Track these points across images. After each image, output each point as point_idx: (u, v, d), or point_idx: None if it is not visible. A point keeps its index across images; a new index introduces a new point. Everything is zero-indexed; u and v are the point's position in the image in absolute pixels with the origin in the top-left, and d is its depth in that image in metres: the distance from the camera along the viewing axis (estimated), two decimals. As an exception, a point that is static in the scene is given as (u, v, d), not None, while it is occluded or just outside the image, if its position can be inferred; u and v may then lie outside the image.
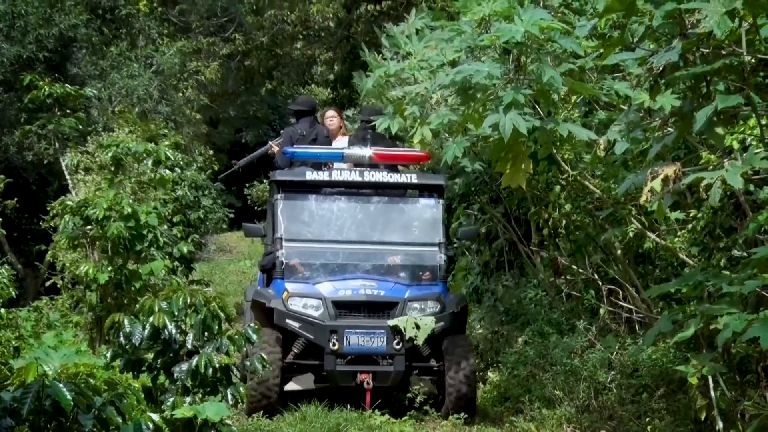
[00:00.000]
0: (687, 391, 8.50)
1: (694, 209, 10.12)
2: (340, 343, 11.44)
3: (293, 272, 12.19)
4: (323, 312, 11.67)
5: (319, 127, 13.88)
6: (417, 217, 12.93)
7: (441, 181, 12.86)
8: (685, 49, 7.61)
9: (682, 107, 7.98)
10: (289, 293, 11.81)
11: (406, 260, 12.55)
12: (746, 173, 7.20)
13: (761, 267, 7.50)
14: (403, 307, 11.73)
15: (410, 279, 12.32)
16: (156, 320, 9.27)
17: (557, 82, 9.30)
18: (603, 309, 12.42)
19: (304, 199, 12.71)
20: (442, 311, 11.90)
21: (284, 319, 11.68)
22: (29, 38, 19.89)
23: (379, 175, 12.58)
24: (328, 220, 12.77)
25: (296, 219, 12.61)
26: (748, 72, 7.71)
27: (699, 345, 8.55)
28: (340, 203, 12.79)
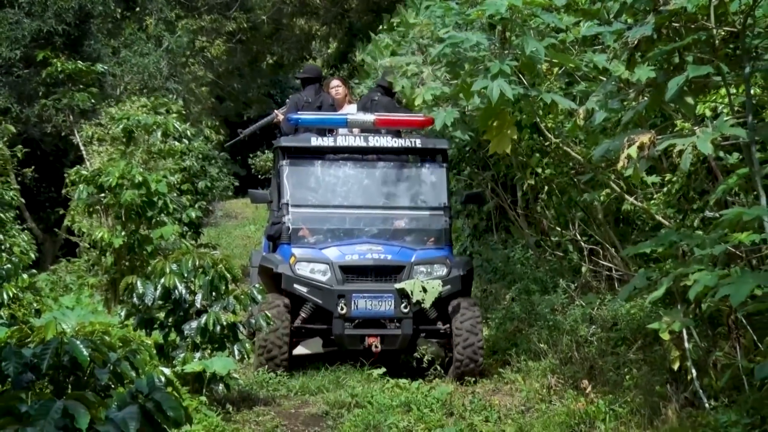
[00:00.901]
0: (662, 343, 8.53)
1: (669, 174, 10.15)
2: (348, 307, 10.98)
3: (300, 238, 11.71)
4: (331, 276, 11.17)
5: (325, 95, 13.34)
6: (422, 182, 12.35)
7: (445, 145, 12.42)
8: (658, 23, 7.62)
9: (657, 78, 8.00)
10: (296, 258, 11.32)
11: (411, 224, 12.06)
12: (716, 140, 7.23)
13: (730, 227, 7.55)
14: (410, 271, 11.27)
15: (416, 243, 11.82)
16: (167, 281, 9.36)
17: (540, 53, 9.32)
18: (584, 268, 12.46)
19: (309, 165, 12.14)
20: (449, 274, 11.37)
21: (292, 284, 11.18)
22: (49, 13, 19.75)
23: (383, 140, 12.11)
24: (333, 186, 12.24)
25: (302, 185, 12.06)
26: (718, 44, 7.73)
27: (674, 300, 8.59)
28: (345, 169, 12.27)
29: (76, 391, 4.91)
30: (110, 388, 5.30)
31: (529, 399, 9.80)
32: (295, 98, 13.39)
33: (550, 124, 11.35)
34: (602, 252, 12.09)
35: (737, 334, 8.07)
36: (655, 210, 10.41)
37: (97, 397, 4.78)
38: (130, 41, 22.83)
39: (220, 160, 27.05)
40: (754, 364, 7.07)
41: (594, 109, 8.98)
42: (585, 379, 9.69)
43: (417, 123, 12.19)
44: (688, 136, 7.37)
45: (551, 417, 8.93)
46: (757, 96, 8.30)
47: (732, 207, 9.06)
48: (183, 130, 16.17)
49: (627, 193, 10.77)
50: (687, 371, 8.32)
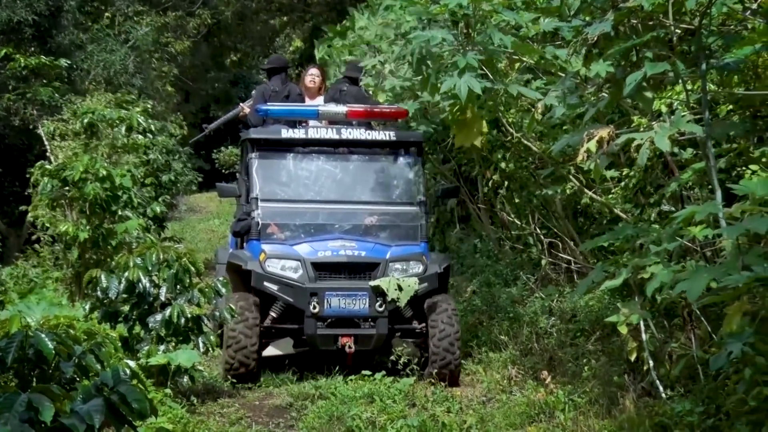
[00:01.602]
0: (620, 335, 8.59)
1: (626, 168, 10.21)
2: (321, 305, 10.30)
3: (269, 233, 10.99)
4: (302, 274, 10.47)
5: (292, 85, 12.66)
6: (396, 176, 11.73)
7: (420, 138, 11.76)
8: (617, 20, 7.67)
9: (615, 74, 8.05)
10: (266, 255, 10.62)
11: (386, 220, 11.39)
12: (673, 135, 7.28)
13: (685, 222, 7.61)
14: (385, 268, 10.58)
15: (391, 239, 11.13)
16: (131, 275, 9.34)
17: (507, 44, 9.37)
18: (544, 261, 12.53)
19: (279, 158, 11.45)
20: (425, 271, 10.73)
21: (262, 281, 10.50)
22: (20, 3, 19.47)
23: (356, 133, 11.42)
24: (304, 180, 11.53)
25: (272, 178, 11.35)
26: (675, 41, 7.78)
27: (631, 292, 8.65)
28: (317, 162, 11.58)
29: (41, 384, 4.87)
30: (75, 381, 5.27)
31: (490, 390, 9.84)
32: (262, 89, 12.78)
33: (511, 119, 11.38)
34: (561, 245, 12.16)
35: (692, 325, 8.15)
36: (613, 204, 10.49)
37: (62, 389, 4.77)
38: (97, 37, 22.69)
39: (184, 155, 26.94)
40: (709, 355, 7.13)
41: (553, 105, 9.04)
42: (545, 370, 9.74)
43: (390, 114, 11.74)
44: (646, 131, 7.43)
45: (512, 407, 8.97)
46: (713, 92, 8.35)
47: (687, 201, 9.16)
48: (147, 124, 16.05)
49: (585, 188, 10.84)
50: (644, 362, 8.39)
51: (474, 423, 8.60)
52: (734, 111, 8.96)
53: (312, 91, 12.60)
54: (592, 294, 10.27)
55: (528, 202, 12.82)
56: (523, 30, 9.81)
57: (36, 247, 15.11)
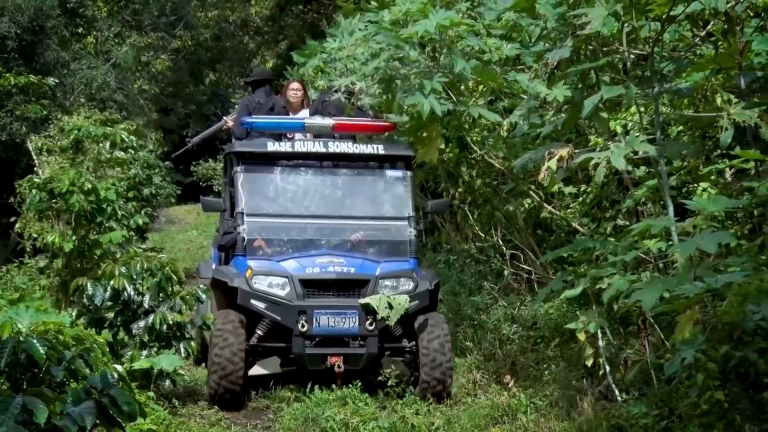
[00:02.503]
0: (578, 341, 8.64)
1: (584, 185, 10.29)
2: (310, 324, 9.53)
3: (256, 249, 10.18)
4: (290, 291, 9.66)
5: (276, 98, 11.81)
6: (385, 190, 10.93)
7: (410, 152, 10.82)
8: (576, 46, 7.76)
9: (574, 97, 8.13)
10: (253, 271, 9.80)
11: (374, 235, 10.53)
12: (628, 154, 7.36)
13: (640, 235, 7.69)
14: (374, 285, 9.78)
15: (379, 255, 10.30)
16: (116, 283, 9.31)
17: (467, 72, 9.45)
18: (507, 271, 12.57)
19: (265, 172, 10.64)
20: (416, 289, 9.91)
21: (249, 299, 9.68)
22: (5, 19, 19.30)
23: (344, 146, 10.60)
24: (291, 194, 10.72)
25: (258, 192, 10.58)
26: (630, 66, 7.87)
27: (588, 301, 8.71)
28: (303, 176, 10.74)
29: (33, 387, 4.85)
30: (65, 385, 5.24)
31: (456, 393, 9.85)
32: (246, 101, 11.97)
33: (476, 137, 11.44)
34: (522, 256, 12.22)
35: (646, 333, 8.21)
36: (571, 218, 10.57)
37: (54, 392, 4.75)
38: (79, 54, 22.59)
39: (163, 169, 26.87)
40: (663, 361, 7.20)
41: (518, 123, 9.12)
42: (507, 375, 9.79)
43: (377, 128, 10.95)
44: (603, 150, 7.50)
45: (477, 410, 9.01)
46: (664, 114, 8.44)
47: (641, 216, 9.24)
48: (130, 141, 16.06)
49: (545, 203, 10.91)
50: (600, 367, 8.45)
51: (441, 424, 8.62)
52: (684, 132, 9.06)
53: (295, 105, 11.80)
54: (551, 303, 10.34)
55: (491, 216, 12.88)
56: (486, 55, 9.88)
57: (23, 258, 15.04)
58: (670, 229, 7.42)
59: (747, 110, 7.43)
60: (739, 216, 8.38)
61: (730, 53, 7.87)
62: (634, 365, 7.95)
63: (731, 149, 7.62)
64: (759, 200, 7.54)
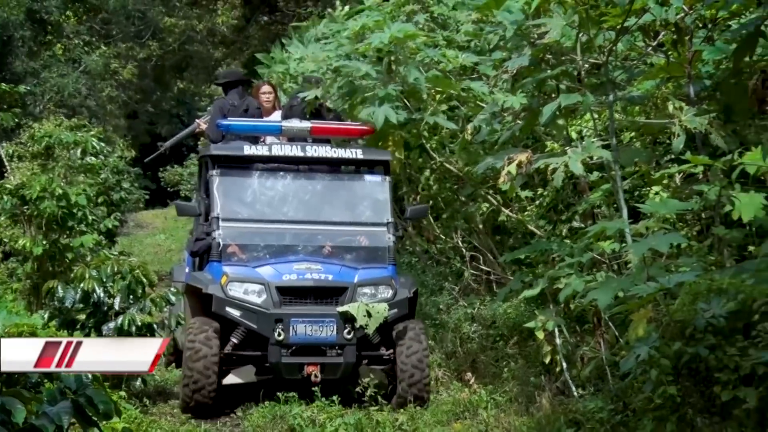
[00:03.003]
0: (536, 339, 8.69)
1: (540, 188, 10.34)
2: (286, 332, 9.00)
3: (231, 254, 9.58)
4: (267, 299, 9.09)
5: (250, 99, 11.12)
6: (363, 196, 10.32)
7: (388, 156, 10.26)
8: (534, 55, 7.81)
9: (531, 104, 8.18)
10: (228, 278, 9.20)
11: (352, 241, 9.96)
12: (585, 160, 7.42)
13: (595, 237, 7.75)
14: (353, 293, 9.23)
15: (357, 261, 9.71)
16: (86, 285, 9.24)
17: (421, 81, 9.52)
18: (467, 272, 12.58)
19: (241, 176, 9.99)
20: (395, 296, 9.36)
21: (224, 307, 9.10)
22: None
23: (322, 150, 9.96)
24: (268, 198, 10.11)
25: (233, 197, 9.91)
26: (585, 74, 7.93)
27: (546, 300, 8.76)
28: (280, 180, 10.11)
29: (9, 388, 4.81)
30: (40, 385, 5.20)
31: (419, 390, 9.86)
32: (220, 103, 11.12)
33: (435, 145, 11.45)
34: (482, 258, 12.23)
35: (601, 331, 8.26)
36: (528, 221, 10.61)
37: (30, 392, 4.72)
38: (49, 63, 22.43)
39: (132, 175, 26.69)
40: (618, 357, 7.26)
41: (481, 126, 9.16)
42: (468, 372, 9.82)
43: (355, 132, 10.33)
44: (560, 156, 7.55)
45: (439, 406, 9.03)
46: (618, 121, 8.51)
47: (596, 218, 9.30)
48: (100, 147, 15.96)
49: (503, 206, 10.95)
50: (558, 364, 8.49)
51: (405, 420, 8.62)
52: (637, 138, 9.14)
53: (267, 108, 11.13)
54: (510, 302, 10.37)
55: (451, 219, 12.90)
56: (442, 64, 9.94)
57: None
58: (624, 231, 7.49)
59: (697, 117, 7.52)
60: (689, 218, 8.45)
61: (680, 63, 7.96)
62: (590, 362, 7.99)
63: (682, 154, 7.69)
64: (708, 203, 7.61)
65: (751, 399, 5.63)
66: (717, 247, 7.57)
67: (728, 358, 5.99)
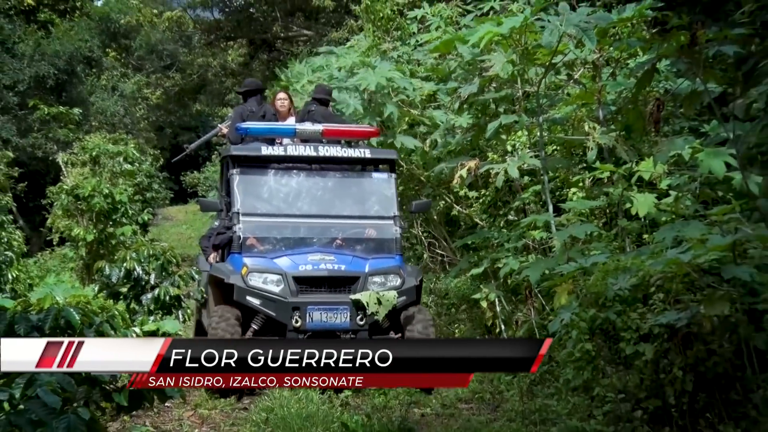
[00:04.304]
0: (480, 307, 8.71)
1: (483, 189, 10.37)
2: (303, 319, 8.01)
3: (251, 247, 8.53)
4: (284, 288, 8.04)
5: (267, 106, 10.17)
6: (371, 191, 9.18)
7: (394, 155, 9.19)
8: (481, 84, 7.83)
9: (479, 122, 8.21)
10: (248, 269, 8.18)
11: (361, 234, 8.83)
12: (520, 167, 7.45)
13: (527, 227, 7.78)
14: (364, 282, 8.18)
15: (367, 252, 8.62)
16: (128, 265, 9.14)
17: (395, 115, 9.56)
18: (425, 255, 12.60)
19: (259, 174, 8.99)
20: (403, 284, 8.28)
21: (245, 295, 8.08)
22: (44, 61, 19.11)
23: (333, 150, 8.95)
24: (284, 195, 9.08)
25: (252, 193, 8.90)
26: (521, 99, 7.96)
27: (488, 277, 8.79)
28: (295, 178, 9.07)
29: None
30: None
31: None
32: (240, 109, 10.19)
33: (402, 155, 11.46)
34: (438, 244, 12.24)
35: (532, 300, 8.29)
36: (474, 214, 10.63)
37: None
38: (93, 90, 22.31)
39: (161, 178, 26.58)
40: (546, 321, 7.29)
41: (437, 141, 9.21)
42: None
43: (363, 134, 9.37)
44: (501, 163, 7.58)
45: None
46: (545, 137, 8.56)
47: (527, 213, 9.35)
48: (136, 157, 15.92)
49: (455, 203, 10.97)
50: (497, 326, 8.52)
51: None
52: (559, 150, 9.18)
53: (282, 113, 10.03)
54: (460, 278, 10.39)
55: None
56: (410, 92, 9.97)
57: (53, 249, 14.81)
58: (550, 222, 7.55)
59: (606, 135, 7.57)
60: (599, 213, 8.50)
61: (592, 92, 8.02)
62: (523, 325, 8.03)
63: (594, 163, 7.75)
64: (613, 201, 7.69)
65: (648, 352, 5.68)
66: (621, 235, 7.64)
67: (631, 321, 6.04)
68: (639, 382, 5.86)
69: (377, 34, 12.05)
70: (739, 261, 5.32)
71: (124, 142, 17.59)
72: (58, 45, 19.59)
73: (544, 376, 7.09)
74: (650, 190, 7.42)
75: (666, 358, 5.66)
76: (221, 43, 28.98)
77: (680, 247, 5.35)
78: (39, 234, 19.29)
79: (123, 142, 17.42)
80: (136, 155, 16.21)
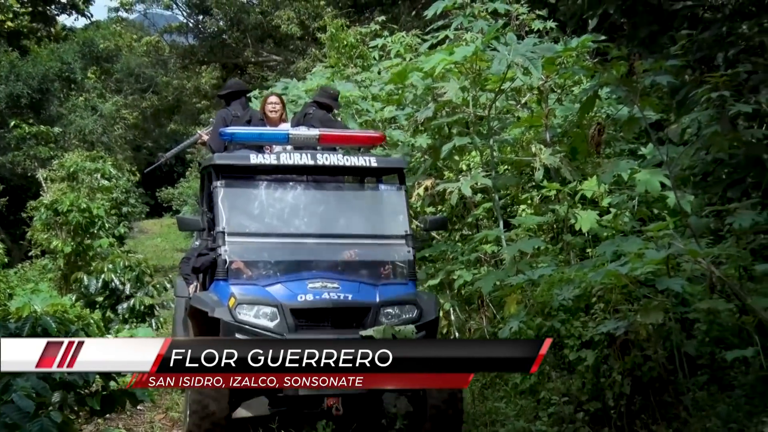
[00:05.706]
0: (436, 316, 8.69)
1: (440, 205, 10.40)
2: None
3: (238, 272, 6.37)
4: (280, 322, 5.97)
5: (253, 110, 8.29)
6: (379, 206, 7.09)
7: (403, 164, 7.06)
8: (437, 109, 7.87)
9: (435, 144, 8.23)
10: (237, 299, 6.05)
11: (369, 256, 6.66)
12: (473, 185, 7.49)
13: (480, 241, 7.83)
14: (376, 314, 6.07)
15: (375, 278, 6.48)
16: (106, 276, 9.10)
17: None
18: (385, 266, 12.57)
19: (248, 187, 6.83)
20: (420, 317, 6.18)
21: (233, 332, 5.93)
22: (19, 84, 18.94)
23: (333, 158, 6.73)
24: (276, 211, 6.84)
25: (240, 209, 6.74)
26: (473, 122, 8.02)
27: (444, 287, 8.80)
28: (290, 191, 6.90)
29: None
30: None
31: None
32: (223, 113, 8.11)
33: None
34: (396, 256, 12.21)
35: (484, 309, 8.31)
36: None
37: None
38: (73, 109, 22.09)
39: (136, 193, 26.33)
40: (496, 329, 7.32)
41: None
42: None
43: (366, 140, 7.13)
44: (455, 182, 7.62)
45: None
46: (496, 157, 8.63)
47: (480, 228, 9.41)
48: (113, 173, 15.80)
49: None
50: (452, 334, 8.53)
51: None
52: (509, 169, 9.25)
53: (273, 120, 7.76)
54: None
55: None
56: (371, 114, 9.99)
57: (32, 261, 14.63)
58: (501, 237, 7.59)
59: (552, 156, 7.66)
60: (546, 228, 8.58)
61: (539, 116, 8.11)
62: (476, 333, 8.04)
63: (541, 182, 7.83)
64: (558, 217, 7.76)
65: (590, 358, 5.74)
66: (566, 249, 7.70)
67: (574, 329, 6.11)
68: (581, 386, 5.92)
69: (341, 60, 12.07)
70: (672, 274, 5.41)
71: (102, 159, 17.39)
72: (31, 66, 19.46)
73: (494, 381, 7.11)
74: (593, 207, 7.51)
75: (606, 363, 5.72)
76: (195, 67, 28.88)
77: (619, 260, 5.42)
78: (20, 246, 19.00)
79: (101, 160, 17.23)
80: (113, 172, 16.05)
